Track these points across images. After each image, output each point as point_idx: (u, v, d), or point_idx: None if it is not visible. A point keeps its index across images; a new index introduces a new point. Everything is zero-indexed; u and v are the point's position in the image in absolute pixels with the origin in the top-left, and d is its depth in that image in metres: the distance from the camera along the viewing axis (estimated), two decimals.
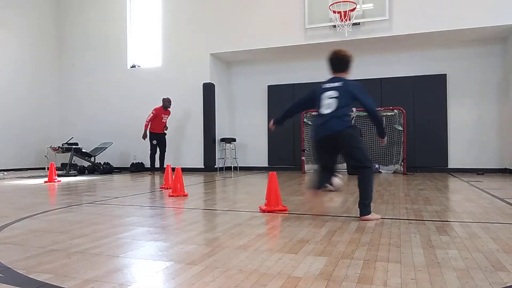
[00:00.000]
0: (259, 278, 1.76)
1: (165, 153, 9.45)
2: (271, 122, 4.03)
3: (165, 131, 9.41)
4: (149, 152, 9.25)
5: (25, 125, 10.80)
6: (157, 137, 9.26)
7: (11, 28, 10.56)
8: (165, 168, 6.55)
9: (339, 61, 3.84)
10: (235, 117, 10.94)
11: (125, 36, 10.96)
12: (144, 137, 9.12)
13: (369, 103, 3.43)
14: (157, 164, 9.38)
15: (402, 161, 8.65)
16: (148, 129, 9.14)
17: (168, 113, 9.46)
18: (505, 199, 4.32)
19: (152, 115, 9.16)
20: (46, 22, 11.50)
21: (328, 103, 3.47)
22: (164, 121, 9.35)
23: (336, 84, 3.61)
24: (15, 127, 10.54)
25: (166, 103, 9.34)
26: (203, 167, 9.95)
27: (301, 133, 9.34)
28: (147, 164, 10.15)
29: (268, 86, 10.52)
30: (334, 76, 3.78)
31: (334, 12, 8.46)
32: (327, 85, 3.66)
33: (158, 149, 9.34)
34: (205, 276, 1.80)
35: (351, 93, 3.51)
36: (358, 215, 3.23)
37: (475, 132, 8.94)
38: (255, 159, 10.65)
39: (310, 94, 3.75)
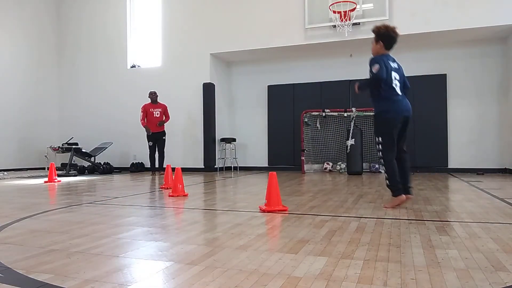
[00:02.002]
0: (259, 278, 1.76)
1: (164, 153, 8.97)
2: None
3: (163, 129, 8.90)
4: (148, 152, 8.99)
5: (25, 125, 10.79)
6: (152, 137, 8.79)
7: (9, 26, 10.55)
8: (164, 168, 6.50)
9: (396, 39, 3.93)
10: (235, 117, 10.94)
11: (125, 36, 10.96)
12: (149, 132, 8.70)
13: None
14: (157, 165, 9.07)
15: None
16: (145, 125, 8.74)
17: (160, 107, 8.91)
18: (505, 199, 4.32)
19: (142, 113, 8.80)
20: (45, 21, 11.49)
21: (396, 84, 3.78)
22: (157, 116, 8.79)
23: (396, 65, 3.87)
24: (15, 127, 10.53)
25: (150, 95, 8.90)
26: (203, 167, 9.95)
27: (301, 133, 9.35)
28: (147, 164, 10.14)
29: (268, 86, 10.52)
30: (388, 53, 3.90)
31: (334, 12, 8.46)
32: (393, 65, 3.83)
33: (156, 149, 8.91)
34: (205, 276, 1.80)
35: (403, 74, 3.90)
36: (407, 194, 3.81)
37: (475, 132, 8.94)
38: (255, 159, 10.64)
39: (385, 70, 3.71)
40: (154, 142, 8.83)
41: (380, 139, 3.75)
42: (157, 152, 8.96)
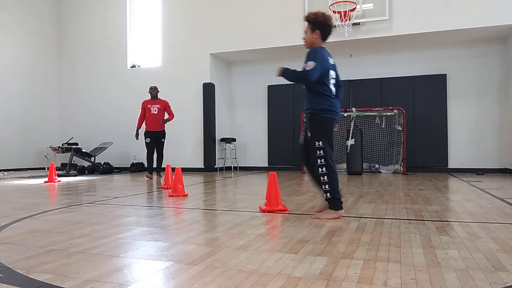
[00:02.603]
0: (259, 278, 1.76)
1: (163, 154, 8.12)
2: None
3: (163, 129, 8.05)
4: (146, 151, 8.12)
5: (25, 125, 10.80)
6: (151, 135, 7.94)
7: (9, 27, 10.55)
8: (163, 170, 6.25)
9: (332, 30, 3.39)
10: (235, 117, 10.94)
11: (125, 36, 10.96)
12: (136, 136, 8.10)
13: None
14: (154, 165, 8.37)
15: (402, 161, 8.64)
16: (140, 127, 8.05)
17: (160, 103, 8.04)
18: (505, 199, 4.32)
19: (141, 110, 8.05)
20: (45, 21, 11.49)
21: (332, 83, 3.32)
22: (154, 112, 7.93)
23: (333, 61, 3.37)
24: (15, 127, 10.53)
25: (150, 91, 8.08)
26: (203, 167, 9.95)
27: (301, 133, 9.33)
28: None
29: (268, 86, 10.52)
30: (324, 46, 3.35)
31: (334, 12, 8.46)
32: (331, 61, 3.33)
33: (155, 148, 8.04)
34: (205, 276, 1.80)
35: (337, 73, 3.44)
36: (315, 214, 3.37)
37: (475, 132, 8.95)
38: (255, 159, 10.64)
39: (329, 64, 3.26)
40: (153, 139, 7.98)
41: (320, 143, 3.19)
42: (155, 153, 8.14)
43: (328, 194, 3.19)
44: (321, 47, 3.30)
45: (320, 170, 3.19)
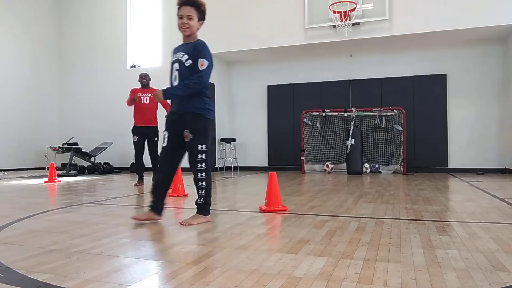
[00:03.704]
0: (259, 278, 1.76)
1: (157, 155, 6.36)
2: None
3: (156, 124, 6.59)
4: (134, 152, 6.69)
5: (25, 125, 10.79)
6: (141, 132, 6.43)
7: (9, 27, 10.55)
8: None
9: None
10: (235, 117, 10.93)
11: (125, 36, 10.95)
12: (129, 102, 6.33)
13: None
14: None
15: (402, 161, 8.64)
16: (131, 105, 6.43)
17: (152, 92, 6.33)
18: (505, 199, 4.32)
19: (129, 96, 6.42)
20: (45, 22, 11.49)
21: None
22: (146, 102, 6.48)
23: None
24: (15, 127, 10.53)
25: (140, 79, 6.76)
26: None
27: (301, 133, 9.35)
28: (148, 164, 9.86)
29: (268, 86, 10.52)
30: None
31: (334, 12, 8.46)
32: None
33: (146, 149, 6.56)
34: (205, 276, 1.80)
35: None
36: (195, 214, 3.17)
37: (475, 132, 8.95)
38: (255, 159, 10.64)
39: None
40: (142, 138, 6.50)
41: (204, 146, 3.05)
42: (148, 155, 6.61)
43: (202, 199, 3.11)
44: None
45: (199, 174, 3.07)
